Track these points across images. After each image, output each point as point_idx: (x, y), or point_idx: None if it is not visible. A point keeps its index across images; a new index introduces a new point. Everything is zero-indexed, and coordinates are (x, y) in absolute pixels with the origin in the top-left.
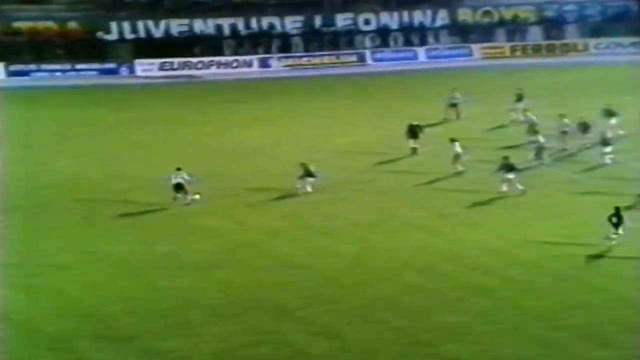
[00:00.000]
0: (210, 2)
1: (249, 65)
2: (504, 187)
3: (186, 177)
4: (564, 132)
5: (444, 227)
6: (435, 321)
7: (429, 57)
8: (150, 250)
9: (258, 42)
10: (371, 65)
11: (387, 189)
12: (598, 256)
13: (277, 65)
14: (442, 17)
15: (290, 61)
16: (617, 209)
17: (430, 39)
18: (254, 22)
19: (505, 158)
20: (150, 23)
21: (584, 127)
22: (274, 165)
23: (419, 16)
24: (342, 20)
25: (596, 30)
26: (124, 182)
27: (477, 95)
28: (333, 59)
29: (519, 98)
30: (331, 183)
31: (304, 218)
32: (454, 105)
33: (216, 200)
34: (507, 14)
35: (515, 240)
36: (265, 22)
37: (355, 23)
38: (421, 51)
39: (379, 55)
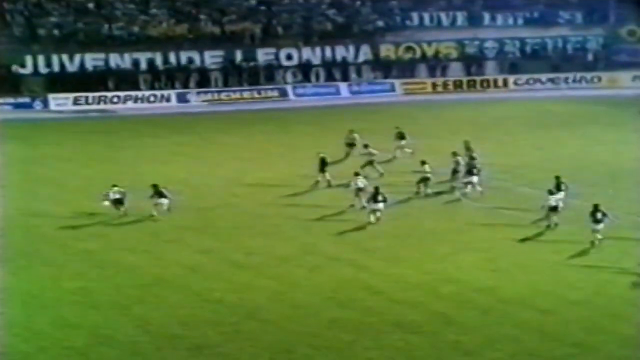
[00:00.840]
0: (126, 36)
1: (167, 100)
2: (372, 218)
3: (122, 190)
4: (455, 170)
5: (366, 260)
6: (359, 356)
7: (352, 93)
8: (61, 286)
9: (176, 76)
10: (293, 100)
11: (303, 222)
12: (521, 290)
13: (196, 100)
14: (365, 52)
15: (209, 96)
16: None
17: (353, 75)
18: (171, 57)
19: (376, 189)
20: (64, 57)
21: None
22: (191, 200)
23: (341, 51)
24: (263, 54)
25: (515, 67)
26: (36, 219)
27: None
28: (254, 94)
29: (401, 136)
30: (249, 217)
31: (223, 252)
32: (350, 145)
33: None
34: (429, 50)
35: (438, 274)
36: (184, 56)
37: (277, 58)
38: (343, 86)
39: (300, 91)
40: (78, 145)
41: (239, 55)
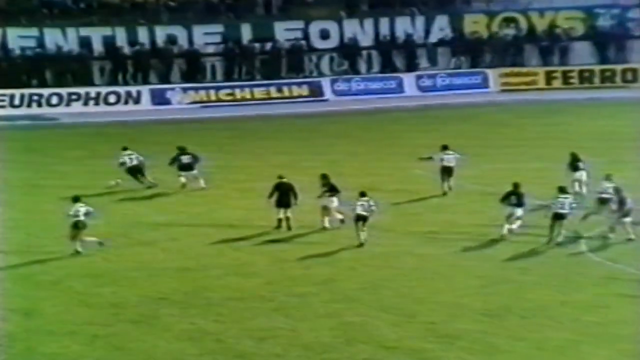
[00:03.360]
0: (70, 2)
1: (136, 100)
2: None
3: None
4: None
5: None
6: None
7: (421, 89)
8: None
9: (150, 64)
10: (331, 101)
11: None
12: None
13: (180, 100)
14: (441, 26)
15: (200, 94)
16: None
17: (423, 61)
18: (142, 34)
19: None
20: None
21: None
22: (173, 259)
23: (404, 25)
24: (284, 30)
25: None
26: None
27: (476, 148)
28: (270, 92)
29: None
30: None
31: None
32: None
33: None
34: (540, 23)
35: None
36: (162, 33)
37: (305, 35)
38: (408, 79)
39: (343, 86)
40: None
41: (246, 32)
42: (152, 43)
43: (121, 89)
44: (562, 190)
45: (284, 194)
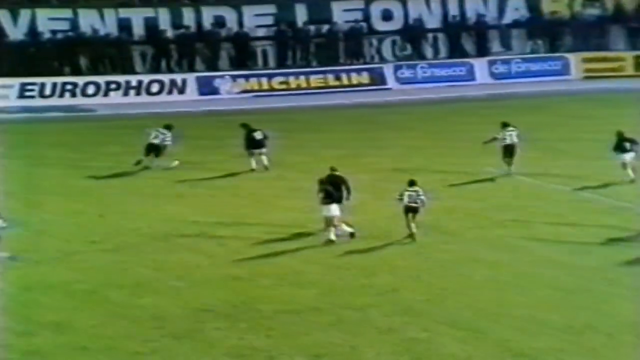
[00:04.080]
0: None
1: (180, 90)
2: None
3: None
4: None
5: None
6: None
7: (494, 76)
8: None
9: (195, 49)
10: (395, 90)
11: None
12: None
13: (229, 89)
14: (516, 5)
15: (251, 83)
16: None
17: (496, 45)
18: (187, 15)
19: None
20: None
21: None
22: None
23: (475, 4)
24: (342, 11)
25: None
26: None
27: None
28: (328, 80)
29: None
30: None
31: None
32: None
33: None
34: (629, 1)
35: None
36: (208, 14)
37: (366, 17)
38: (480, 65)
39: (408, 73)
40: (32, 171)
41: (301, 14)
42: (198, 26)
43: (164, 77)
44: (412, 183)
45: (336, 189)
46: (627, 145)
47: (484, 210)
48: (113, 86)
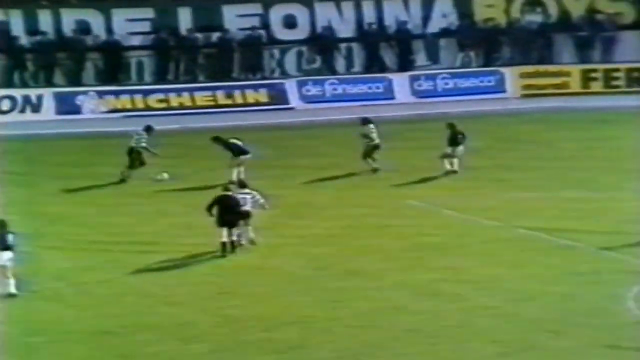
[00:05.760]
0: None
1: (35, 108)
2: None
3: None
4: None
5: None
6: None
7: (417, 93)
8: None
9: (54, 60)
10: (298, 109)
11: None
12: None
13: (94, 108)
14: (444, 11)
15: (122, 100)
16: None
17: (420, 57)
18: (44, 19)
19: None
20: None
21: None
22: None
23: (395, 10)
24: (236, 17)
25: None
26: None
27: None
28: (217, 98)
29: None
30: None
31: None
32: None
33: None
34: (576, 7)
35: None
36: (69, 18)
37: (265, 23)
38: (400, 81)
39: (314, 90)
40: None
41: (185, 19)
42: (57, 32)
43: (16, 92)
44: (241, 185)
45: (226, 211)
46: (459, 137)
47: (407, 250)
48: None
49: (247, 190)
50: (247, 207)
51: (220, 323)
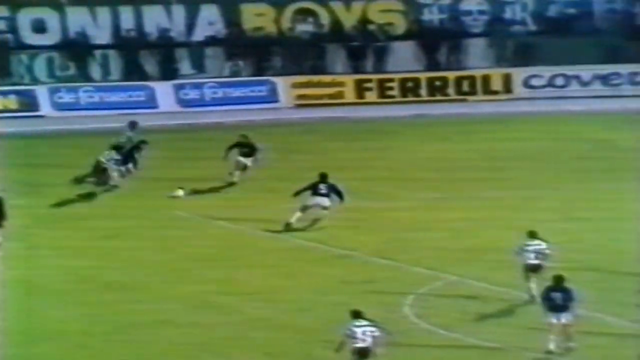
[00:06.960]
0: None
1: None
2: None
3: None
4: None
5: None
6: None
7: (183, 102)
8: None
9: None
10: (49, 117)
11: None
12: None
13: None
14: (210, 19)
15: None
16: None
17: (185, 66)
18: None
19: None
20: None
21: None
22: None
23: (156, 17)
24: None
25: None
26: None
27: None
28: None
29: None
30: None
31: None
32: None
33: None
34: (348, 17)
35: None
36: None
37: (12, 27)
38: (164, 89)
39: (68, 98)
40: None
41: None
42: None
43: None
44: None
45: None
46: (246, 150)
47: (174, 261)
48: None
49: None
50: None
51: None
